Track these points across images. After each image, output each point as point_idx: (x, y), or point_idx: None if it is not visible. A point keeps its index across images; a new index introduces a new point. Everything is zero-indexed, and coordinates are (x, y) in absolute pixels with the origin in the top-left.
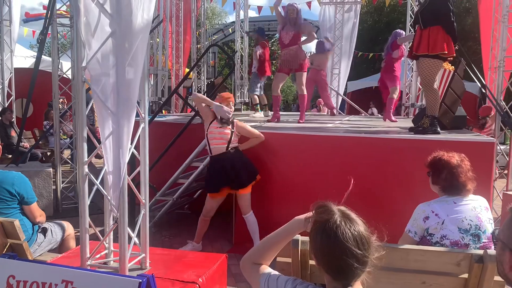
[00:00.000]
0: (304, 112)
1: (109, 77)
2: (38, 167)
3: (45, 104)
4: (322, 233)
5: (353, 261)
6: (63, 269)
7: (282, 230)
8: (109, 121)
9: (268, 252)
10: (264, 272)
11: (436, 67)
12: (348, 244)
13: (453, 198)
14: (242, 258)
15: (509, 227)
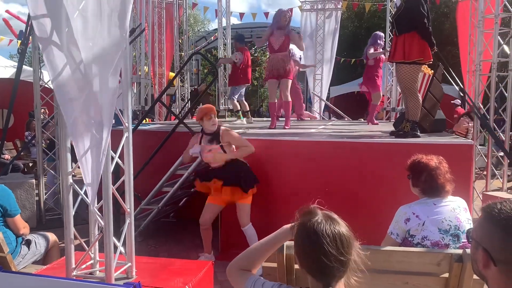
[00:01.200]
0: (289, 118)
1: (92, 87)
2: (20, 179)
3: (27, 114)
4: (303, 232)
5: (333, 260)
6: (48, 280)
7: (270, 238)
8: (88, 133)
9: (256, 260)
10: (250, 277)
11: (414, 73)
12: (328, 243)
13: (433, 200)
14: (228, 265)
15: (482, 227)
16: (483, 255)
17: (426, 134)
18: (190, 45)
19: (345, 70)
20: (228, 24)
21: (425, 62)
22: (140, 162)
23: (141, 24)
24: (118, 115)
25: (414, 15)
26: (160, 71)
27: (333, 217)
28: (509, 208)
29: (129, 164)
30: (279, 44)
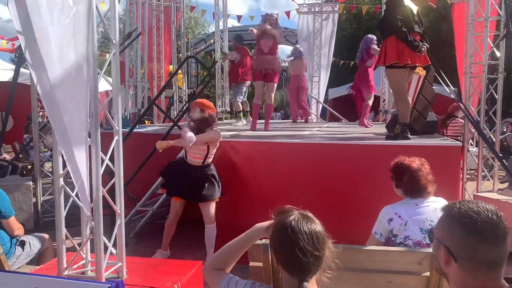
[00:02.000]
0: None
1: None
2: (18, 181)
3: (25, 117)
4: (281, 229)
5: (309, 255)
6: (35, 278)
7: (243, 236)
8: (82, 135)
9: (229, 258)
10: (224, 277)
11: (400, 76)
12: (305, 239)
13: (415, 200)
14: (203, 264)
15: (443, 226)
16: (444, 252)
17: (417, 136)
18: (189, 48)
19: (344, 72)
20: (225, 27)
21: (412, 64)
22: (135, 164)
23: (137, 28)
24: (108, 118)
25: (390, 19)
26: (158, 74)
27: (309, 216)
28: (467, 207)
29: (119, 166)
30: (268, 47)
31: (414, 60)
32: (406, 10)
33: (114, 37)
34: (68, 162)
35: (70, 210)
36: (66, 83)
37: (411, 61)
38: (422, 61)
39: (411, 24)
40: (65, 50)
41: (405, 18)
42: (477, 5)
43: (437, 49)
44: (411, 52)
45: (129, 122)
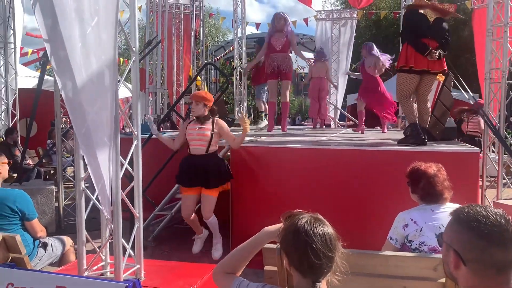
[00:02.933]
0: (285, 120)
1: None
2: (41, 185)
3: (48, 123)
4: (293, 232)
5: (322, 256)
6: (56, 276)
7: (251, 241)
8: (103, 139)
9: (239, 262)
10: (235, 280)
11: (404, 80)
12: (318, 240)
13: (431, 206)
14: (213, 269)
15: (452, 229)
16: (454, 256)
17: (436, 142)
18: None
19: None
20: (244, 34)
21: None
22: (154, 169)
23: (157, 36)
24: (128, 124)
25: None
26: (178, 81)
27: (320, 218)
28: (476, 211)
29: (138, 171)
30: (280, 45)
31: (421, 65)
32: (420, 17)
33: (134, 45)
34: (90, 165)
35: (91, 214)
36: (89, 89)
37: (415, 65)
38: (435, 67)
39: (425, 30)
40: (88, 57)
41: (418, 24)
42: (496, 10)
43: (457, 54)
44: (419, 56)
45: (148, 128)
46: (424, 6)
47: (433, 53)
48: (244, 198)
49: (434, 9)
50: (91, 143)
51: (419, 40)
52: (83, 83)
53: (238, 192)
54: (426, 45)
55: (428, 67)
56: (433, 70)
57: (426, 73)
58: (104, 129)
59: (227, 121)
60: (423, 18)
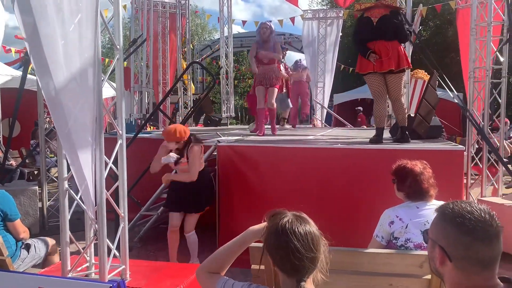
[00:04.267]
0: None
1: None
2: (24, 186)
3: (32, 123)
4: (275, 231)
5: (304, 257)
6: (39, 278)
7: (236, 240)
8: (86, 139)
9: (223, 262)
10: (219, 279)
11: (369, 82)
12: (299, 241)
13: (416, 203)
14: (197, 269)
15: (437, 226)
16: (440, 252)
17: (421, 140)
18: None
19: (349, 78)
20: (230, 33)
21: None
22: (140, 169)
23: (143, 35)
24: (112, 123)
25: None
26: (164, 80)
27: (302, 216)
28: (460, 207)
29: (122, 170)
30: (268, 58)
31: (365, 68)
32: (363, 21)
33: (118, 42)
34: (72, 166)
35: (75, 215)
36: (71, 88)
37: (360, 70)
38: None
39: (367, 33)
40: (70, 56)
41: (360, 29)
42: (480, 10)
43: (442, 54)
44: (364, 60)
45: (134, 128)
46: (369, 8)
47: (373, 56)
48: (231, 197)
49: (382, 6)
50: (74, 143)
51: (360, 44)
52: (65, 82)
53: (224, 191)
54: (366, 49)
55: (374, 69)
56: (381, 71)
57: (388, 74)
58: (87, 129)
59: (213, 120)
60: (365, 22)
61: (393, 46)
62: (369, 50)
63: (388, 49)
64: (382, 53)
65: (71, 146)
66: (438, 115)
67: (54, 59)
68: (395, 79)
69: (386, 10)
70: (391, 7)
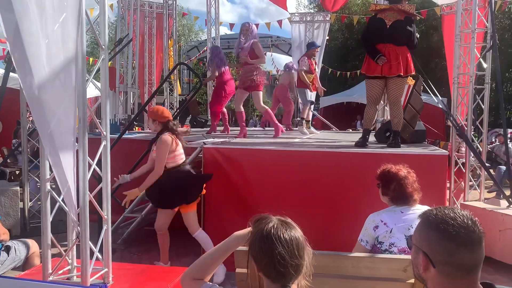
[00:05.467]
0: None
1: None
2: (5, 186)
3: (14, 122)
4: (260, 237)
5: (288, 263)
6: (18, 282)
7: (220, 246)
8: (69, 140)
9: (208, 268)
10: (203, 286)
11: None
12: (283, 246)
13: (401, 208)
14: (181, 275)
15: (420, 232)
16: (423, 258)
17: (405, 144)
18: (181, 54)
19: (335, 82)
20: (217, 34)
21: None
22: (124, 170)
23: (129, 34)
24: (97, 124)
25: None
26: (150, 80)
27: (287, 222)
28: (443, 213)
29: (106, 172)
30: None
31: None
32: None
33: (104, 42)
34: (54, 168)
35: (58, 216)
36: (54, 88)
37: (368, 72)
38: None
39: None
40: (53, 55)
41: (372, 30)
42: (464, 16)
43: (427, 59)
44: (372, 63)
45: (119, 128)
46: (384, 10)
47: (382, 59)
48: (217, 199)
49: (397, 11)
50: (55, 144)
51: (371, 46)
52: (48, 81)
53: (210, 194)
54: (376, 51)
55: (382, 73)
56: (390, 75)
57: (390, 77)
58: (70, 130)
59: (199, 122)
60: (379, 24)
61: (402, 51)
62: (378, 53)
63: (397, 54)
64: (392, 58)
65: (53, 147)
66: (422, 119)
67: (36, 58)
68: (397, 83)
69: (401, 15)
70: (407, 13)
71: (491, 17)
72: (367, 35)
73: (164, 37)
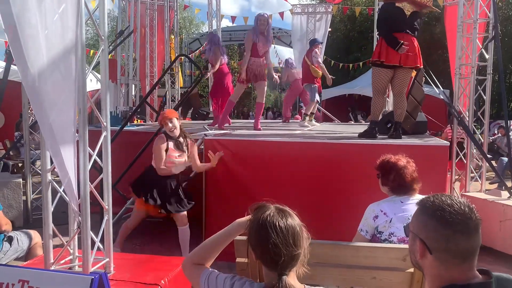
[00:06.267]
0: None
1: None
2: (7, 178)
3: (17, 115)
4: (256, 226)
5: (284, 251)
6: (19, 270)
7: (222, 232)
8: (70, 131)
9: (209, 254)
10: (204, 271)
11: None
12: (279, 235)
13: (400, 198)
14: (183, 260)
15: (417, 219)
16: (420, 245)
17: (407, 135)
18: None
19: (337, 73)
20: (219, 26)
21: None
22: (126, 162)
23: (130, 26)
24: (97, 115)
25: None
26: (152, 73)
27: (285, 210)
28: (440, 200)
29: (107, 162)
30: (264, 50)
31: (393, 60)
32: (396, 10)
33: (103, 33)
34: (55, 159)
35: (60, 208)
36: (54, 79)
37: (387, 60)
38: (408, 62)
39: (399, 24)
40: (53, 46)
41: (392, 18)
42: (467, 7)
43: (429, 51)
44: (391, 51)
45: (120, 120)
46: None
47: (404, 48)
48: (218, 190)
49: (412, 3)
50: (55, 136)
51: (392, 34)
52: (47, 73)
53: (211, 184)
54: (397, 40)
55: (400, 62)
56: (406, 65)
57: (399, 68)
58: (70, 121)
59: (201, 114)
60: (399, 12)
61: (416, 43)
62: (400, 42)
63: (414, 45)
64: (410, 48)
65: (53, 139)
66: (424, 111)
67: (36, 50)
68: (404, 74)
69: (416, 7)
70: (422, 5)
71: (493, 7)
72: (387, 22)
73: (166, 29)
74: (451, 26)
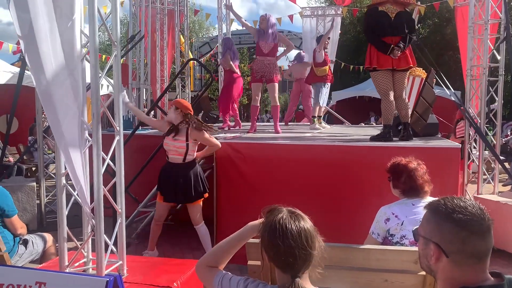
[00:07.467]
0: (277, 122)
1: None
2: (22, 182)
3: (31, 120)
4: (269, 228)
5: (298, 254)
6: (36, 272)
7: (236, 235)
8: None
9: (222, 256)
10: (218, 273)
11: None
12: (292, 238)
13: (412, 200)
14: (197, 262)
15: (429, 222)
16: (435, 249)
17: (418, 137)
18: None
19: (347, 75)
20: (228, 30)
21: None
22: (138, 165)
23: (141, 31)
24: (110, 120)
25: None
26: (163, 77)
27: (297, 213)
28: (453, 202)
29: (120, 166)
30: (268, 48)
31: (386, 64)
32: (379, 15)
33: (116, 38)
34: (67, 164)
35: (73, 211)
36: (66, 85)
37: (379, 66)
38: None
39: (385, 28)
40: (66, 53)
41: (377, 23)
42: (478, 7)
43: (441, 52)
44: (382, 56)
45: (132, 124)
46: (383, 2)
47: (395, 51)
48: (229, 193)
49: (395, 3)
50: (67, 142)
51: (379, 39)
52: (60, 79)
53: (223, 188)
54: (386, 44)
55: (393, 66)
56: (399, 68)
57: (394, 71)
58: (81, 127)
59: (211, 117)
60: (382, 16)
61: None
62: (390, 45)
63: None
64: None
65: (65, 144)
66: (435, 112)
67: (49, 56)
68: (401, 76)
69: (400, 6)
70: (405, 4)
71: (504, 8)
72: (372, 29)
73: (176, 34)
74: (462, 26)
